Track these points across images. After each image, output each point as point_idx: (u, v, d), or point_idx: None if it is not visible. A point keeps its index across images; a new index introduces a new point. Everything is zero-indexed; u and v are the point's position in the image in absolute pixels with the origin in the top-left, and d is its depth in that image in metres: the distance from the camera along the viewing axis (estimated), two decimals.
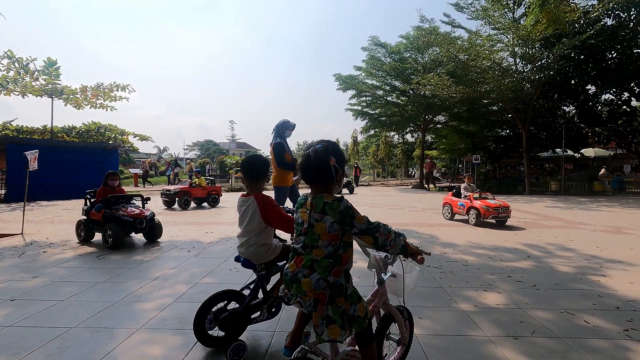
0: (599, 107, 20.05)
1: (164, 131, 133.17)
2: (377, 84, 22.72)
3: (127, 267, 4.70)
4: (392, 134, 34.44)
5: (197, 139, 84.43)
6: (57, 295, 3.65)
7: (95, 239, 6.34)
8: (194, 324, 2.47)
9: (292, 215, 2.46)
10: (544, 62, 16.45)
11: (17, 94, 16.33)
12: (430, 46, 19.43)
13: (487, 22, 17.31)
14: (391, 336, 2.24)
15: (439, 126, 25.01)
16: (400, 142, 39.92)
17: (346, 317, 1.60)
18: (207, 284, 4.01)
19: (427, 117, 22.84)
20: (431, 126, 24.41)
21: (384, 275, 2.12)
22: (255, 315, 2.59)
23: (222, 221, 8.74)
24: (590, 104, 19.47)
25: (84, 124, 18.76)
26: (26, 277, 4.25)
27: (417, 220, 8.87)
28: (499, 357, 2.48)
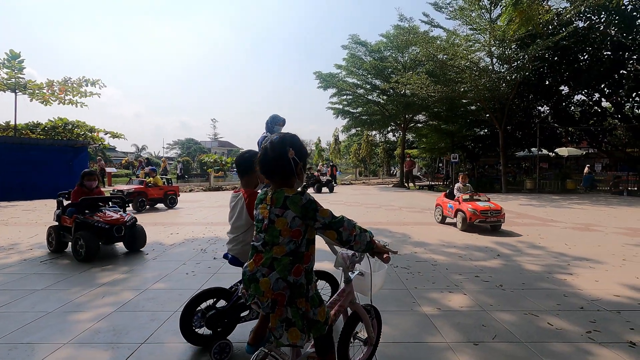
0: (572, 107, 20.60)
1: (143, 129, 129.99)
2: (358, 83, 22.62)
3: (74, 272, 4.34)
4: (373, 133, 34.51)
5: (178, 137, 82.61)
6: None
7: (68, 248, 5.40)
8: (180, 322, 2.41)
9: None
10: (519, 62, 16.73)
11: None
12: (409, 45, 19.48)
13: (465, 22, 17.46)
14: (358, 336, 2.21)
15: (419, 125, 25.17)
16: (381, 141, 40.09)
17: (306, 320, 1.51)
18: (157, 290, 3.72)
19: (407, 116, 22.92)
20: (411, 125, 24.53)
21: (351, 273, 2.11)
22: (244, 313, 2.55)
23: (190, 222, 8.38)
24: (563, 104, 19.97)
25: (49, 120, 17.80)
26: None
27: (392, 219, 8.75)
28: None
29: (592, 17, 16.73)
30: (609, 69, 16.72)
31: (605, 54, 17.08)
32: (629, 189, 16.97)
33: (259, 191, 1.78)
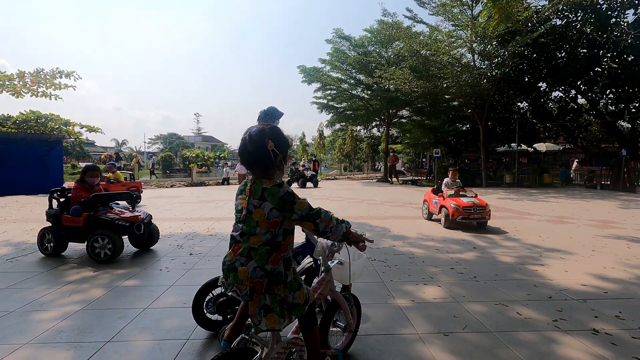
0: (550, 103, 21.10)
1: (124, 124, 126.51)
2: (342, 77, 22.57)
3: (41, 270, 4.18)
4: (358, 128, 34.55)
5: (161, 132, 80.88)
6: None
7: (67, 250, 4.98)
8: (192, 307, 2.49)
9: None
10: (500, 59, 17.02)
11: None
12: (393, 40, 19.53)
13: (447, 18, 17.62)
14: (338, 323, 2.28)
15: (403, 120, 25.37)
16: (366, 136, 40.22)
17: (285, 304, 1.56)
18: (127, 287, 3.61)
19: (391, 112, 23.04)
20: (395, 120, 24.69)
21: (330, 262, 2.15)
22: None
23: (169, 217, 8.18)
24: (542, 100, 20.43)
25: (21, 113, 17.04)
26: None
27: (374, 213, 8.80)
28: (424, 357, 2.33)
29: (569, 15, 17.11)
30: (584, 67, 17.17)
31: (581, 51, 17.52)
32: (602, 183, 17.59)
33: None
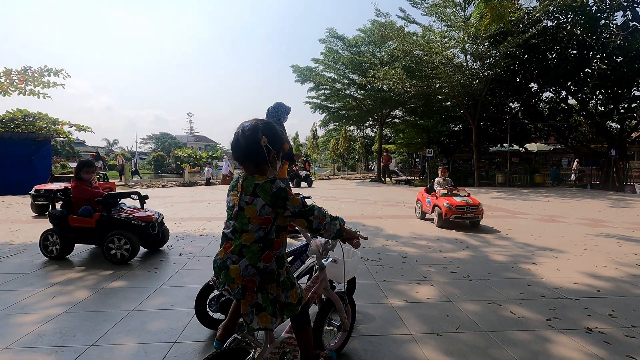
0: (541, 104, 21.33)
1: (115, 123, 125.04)
2: (336, 77, 22.55)
3: (26, 271, 4.05)
4: (351, 128, 34.58)
5: (153, 132, 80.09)
6: None
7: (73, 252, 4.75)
8: (195, 306, 2.48)
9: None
10: (492, 59, 17.14)
11: None
12: (385, 40, 19.56)
13: (440, 19, 17.69)
14: (332, 322, 2.24)
15: (396, 121, 25.44)
16: (360, 136, 40.28)
17: (278, 304, 1.52)
18: (113, 288, 3.51)
19: (384, 112, 23.08)
20: (389, 120, 24.75)
21: (324, 260, 2.13)
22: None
23: None
24: (533, 101, 20.63)
25: (7, 111, 16.67)
26: None
27: (367, 212, 8.77)
28: (418, 358, 2.29)
29: (560, 16, 17.31)
30: (575, 68, 17.38)
31: (571, 52, 17.73)
32: (592, 182, 17.81)
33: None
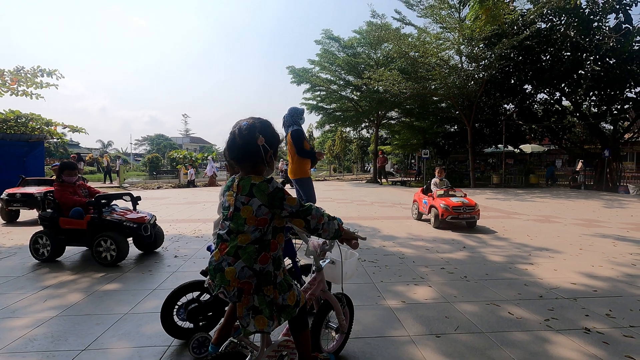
0: (535, 105, 21.50)
1: (110, 124, 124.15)
2: (331, 79, 22.55)
3: (17, 274, 3.98)
4: (347, 129, 34.65)
5: (148, 133, 79.63)
6: None
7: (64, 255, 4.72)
8: (161, 313, 2.37)
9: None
10: (486, 61, 17.25)
11: None
12: (381, 42, 19.61)
13: (435, 20, 17.77)
14: (330, 324, 2.22)
15: (392, 122, 25.50)
16: (355, 137, 40.34)
17: (275, 306, 1.49)
18: (107, 291, 3.46)
19: (380, 113, 23.11)
20: (384, 122, 24.79)
21: (322, 262, 2.10)
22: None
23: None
24: (527, 102, 20.79)
25: (0, 112, 16.55)
26: None
27: (363, 213, 8.75)
28: (416, 359, 2.27)
29: (553, 19, 17.47)
30: (568, 69, 17.53)
31: (565, 54, 17.88)
32: (586, 183, 17.96)
33: None
